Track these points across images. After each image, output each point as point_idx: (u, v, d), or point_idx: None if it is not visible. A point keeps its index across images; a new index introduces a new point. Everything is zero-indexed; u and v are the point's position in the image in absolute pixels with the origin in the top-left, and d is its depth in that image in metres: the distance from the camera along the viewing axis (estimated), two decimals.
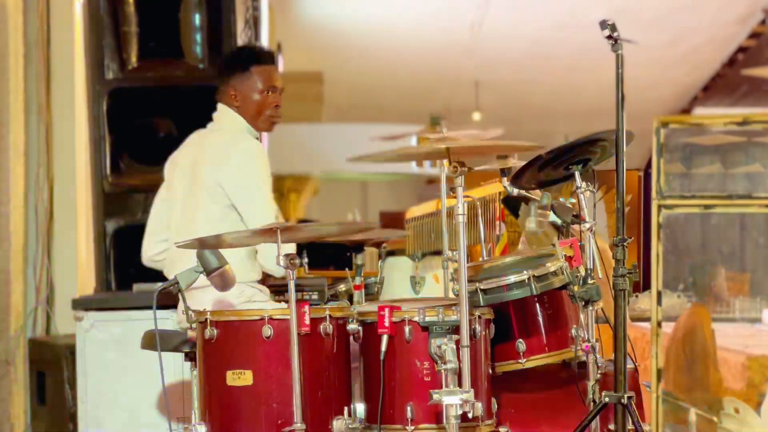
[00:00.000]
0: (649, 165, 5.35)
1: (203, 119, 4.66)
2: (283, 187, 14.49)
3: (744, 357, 7.05)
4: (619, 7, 12.32)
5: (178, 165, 4.48)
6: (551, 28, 13.49)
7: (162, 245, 4.52)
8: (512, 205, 5.61)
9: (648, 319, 5.85)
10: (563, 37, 13.58)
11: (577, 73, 14.70)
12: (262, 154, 4.32)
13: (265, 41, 9.30)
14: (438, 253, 5.17)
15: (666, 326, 6.10)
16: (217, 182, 4.24)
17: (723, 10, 12.94)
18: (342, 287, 5.14)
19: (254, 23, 8.22)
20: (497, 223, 5.83)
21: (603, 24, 3.71)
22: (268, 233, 3.68)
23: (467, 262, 3.69)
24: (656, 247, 4.35)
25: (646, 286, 6.53)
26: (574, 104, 16.03)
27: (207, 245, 3.78)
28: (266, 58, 4.51)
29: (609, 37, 3.71)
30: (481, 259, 5.00)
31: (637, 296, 7.52)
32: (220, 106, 4.51)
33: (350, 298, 5.01)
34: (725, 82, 14.98)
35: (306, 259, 4.42)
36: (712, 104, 15.77)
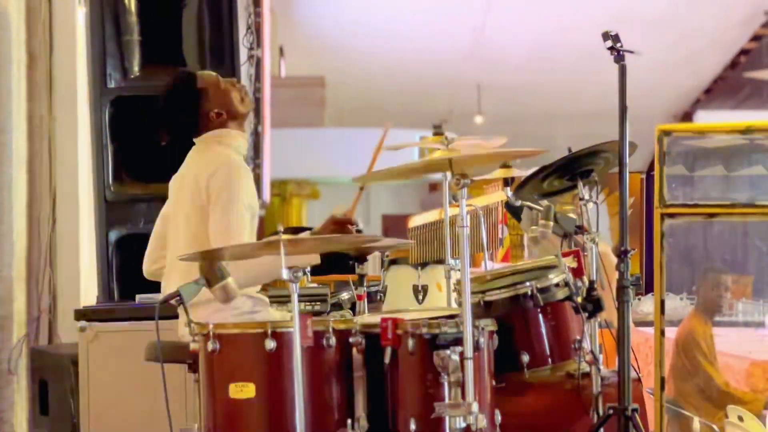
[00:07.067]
0: (651, 168, 5.36)
1: None
2: (286, 191, 14.50)
3: (748, 363, 7.03)
4: (621, 10, 12.32)
5: (176, 183, 4.49)
6: (553, 31, 13.50)
7: (159, 262, 4.54)
8: (514, 209, 5.61)
9: (651, 323, 5.83)
10: (565, 41, 13.59)
11: (579, 76, 14.71)
12: (248, 174, 4.33)
13: (267, 46, 9.31)
14: (441, 261, 5.18)
15: (669, 331, 6.08)
16: (203, 201, 4.25)
17: (725, 13, 12.96)
18: (345, 295, 5.13)
19: (256, 29, 8.22)
20: (500, 226, 5.83)
21: (605, 35, 3.70)
22: (272, 246, 3.68)
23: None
24: (659, 256, 4.34)
25: (649, 289, 6.52)
26: (576, 107, 16.04)
27: (209, 258, 3.78)
28: (188, 71, 4.54)
29: (611, 48, 3.70)
30: (482, 265, 5.00)
31: (639, 299, 7.52)
32: (204, 137, 4.47)
33: (353, 307, 5.01)
34: (727, 85, 14.99)
35: (308, 268, 4.41)
36: (715, 107, 15.77)
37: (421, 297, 5.26)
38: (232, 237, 4.10)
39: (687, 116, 16.28)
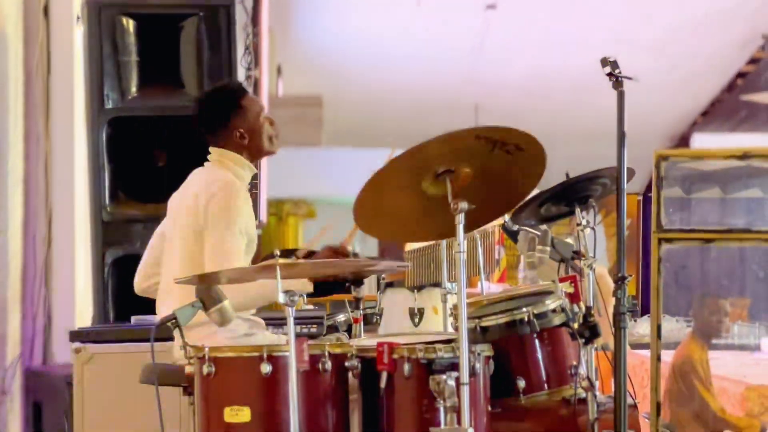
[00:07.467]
0: (648, 189, 5.36)
1: (202, 148, 4.65)
2: (282, 211, 14.49)
3: (743, 387, 7.01)
4: (619, 31, 12.34)
5: (175, 202, 4.49)
6: (551, 53, 13.52)
7: (152, 279, 4.53)
8: (512, 232, 5.61)
9: (646, 345, 5.81)
10: (563, 63, 13.60)
11: (577, 98, 14.71)
12: (246, 200, 4.33)
13: (265, 65, 9.32)
14: (437, 284, 5.17)
15: (665, 354, 6.08)
16: (200, 222, 4.24)
17: (723, 36, 12.98)
18: (341, 317, 5.13)
19: (254, 49, 8.22)
20: (496, 247, 5.83)
21: (604, 61, 3.71)
22: (268, 270, 3.67)
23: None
24: (656, 281, 4.34)
25: (645, 310, 6.51)
26: (574, 128, 16.03)
27: (206, 281, 3.77)
28: (243, 87, 4.53)
29: (610, 74, 3.70)
30: (478, 285, 4.99)
31: (635, 321, 7.50)
32: (216, 150, 4.46)
33: (349, 329, 5.00)
34: (724, 108, 15.00)
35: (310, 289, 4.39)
36: (712, 129, 15.77)
37: (417, 320, 5.25)
38: (227, 261, 4.10)
39: (684, 138, 16.28)
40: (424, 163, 3.79)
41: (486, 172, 3.82)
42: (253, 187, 6.28)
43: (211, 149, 4.46)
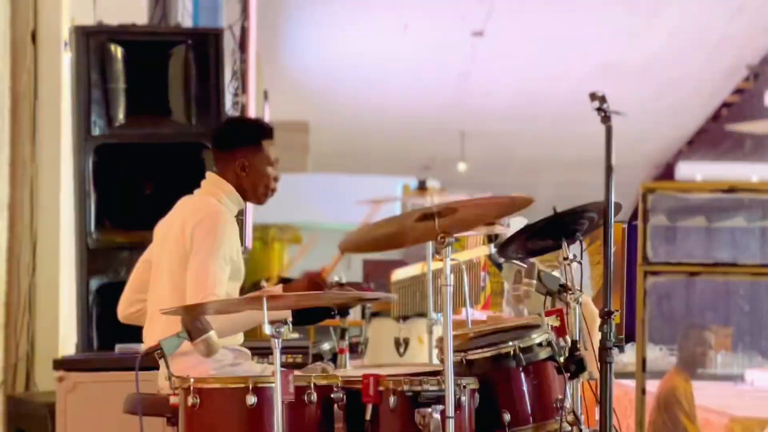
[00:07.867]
0: (633, 217, 5.37)
1: (189, 176, 4.64)
2: (267, 235, 14.47)
3: (727, 418, 7.03)
4: (604, 60, 12.40)
5: (162, 229, 4.48)
6: (537, 79, 13.57)
7: (137, 305, 4.51)
8: (497, 262, 5.62)
9: (630, 374, 5.81)
10: (549, 89, 13.66)
11: (563, 124, 14.75)
12: (233, 228, 4.32)
13: (252, 92, 9.32)
14: (423, 315, 5.17)
15: (648, 384, 6.08)
16: (187, 248, 4.24)
17: (708, 66, 13.06)
18: (326, 346, 5.12)
19: (242, 75, 8.23)
20: (481, 274, 5.84)
21: (593, 96, 3.72)
22: (254, 301, 3.66)
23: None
24: (641, 314, 4.36)
25: (629, 339, 6.52)
26: (560, 155, 16.07)
27: (192, 312, 3.75)
28: (272, 133, 4.52)
29: (599, 109, 3.71)
30: (463, 311, 4.99)
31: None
32: (212, 176, 4.46)
33: (334, 357, 4.99)
34: (709, 137, 15.09)
35: (290, 318, 4.38)
36: (696, 158, 15.86)
37: (402, 350, 5.25)
38: (209, 288, 4.08)
39: (668, 167, 16.37)
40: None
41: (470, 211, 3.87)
42: (239, 213, 6.27)
43: (207, 174, 4.46)
